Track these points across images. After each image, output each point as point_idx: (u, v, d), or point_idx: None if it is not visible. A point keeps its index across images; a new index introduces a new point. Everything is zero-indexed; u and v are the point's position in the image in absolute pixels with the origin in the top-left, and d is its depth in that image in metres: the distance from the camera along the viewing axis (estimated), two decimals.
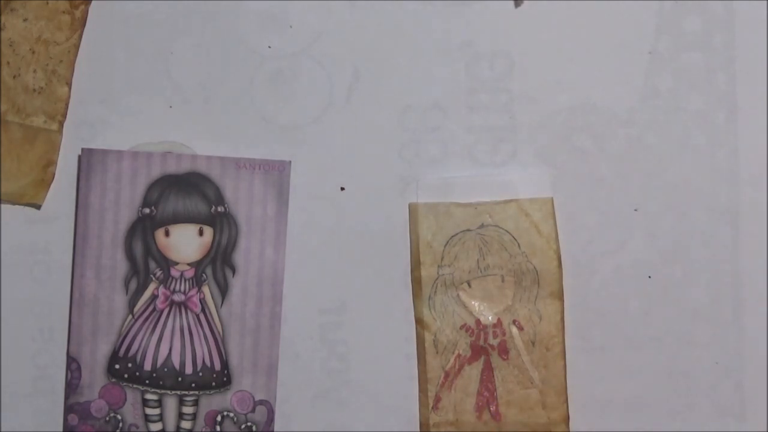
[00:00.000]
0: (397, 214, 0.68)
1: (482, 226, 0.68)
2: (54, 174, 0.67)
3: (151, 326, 0.67)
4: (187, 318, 0.67)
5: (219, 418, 0.67)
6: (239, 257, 0.67)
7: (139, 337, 0.67)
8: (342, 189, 0.68)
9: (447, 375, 0.67)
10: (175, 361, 0.67)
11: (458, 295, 0.68)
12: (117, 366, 0.67)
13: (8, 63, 0.66)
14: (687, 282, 0.68)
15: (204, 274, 0.67)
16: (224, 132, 0.68)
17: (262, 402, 0.67)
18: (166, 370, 0.67)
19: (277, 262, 0.67)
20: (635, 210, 0.68)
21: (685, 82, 0.68)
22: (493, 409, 0.67)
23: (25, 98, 0.66)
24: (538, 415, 0.67)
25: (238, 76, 0.68)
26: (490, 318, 0.68)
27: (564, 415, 0.67)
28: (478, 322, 0.68)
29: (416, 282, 0.68)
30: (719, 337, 0.68)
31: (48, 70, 0.66)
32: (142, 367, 0.67)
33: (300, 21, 0.68)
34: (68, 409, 0.67)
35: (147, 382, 0.67)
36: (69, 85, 0.67)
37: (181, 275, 0.67)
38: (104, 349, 0.67)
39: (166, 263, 0.67)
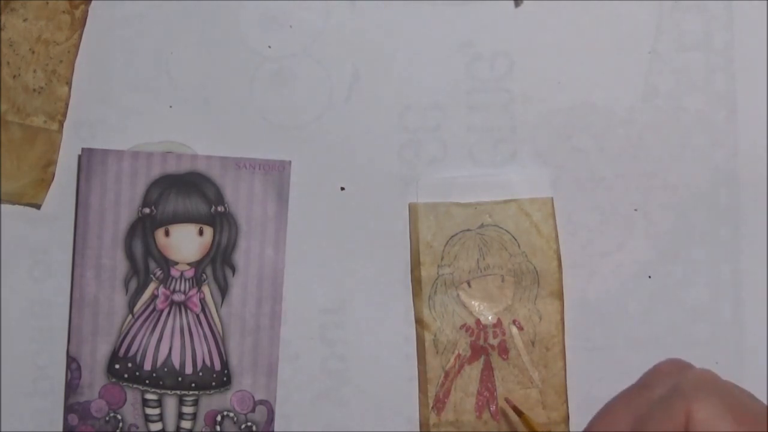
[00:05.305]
0: (397, 214, 0.68)
1: (482, 226, 0.68)
2: (54, 174, 0.67)
3: (151, 326, 0.67)
4: (187, 318, 0.67)
5: (219, 418, 0.67)
6: (239, 257, 0.67)
7: (139, 337, 0.67)
8: (342, 189, 0.68)
9: (447, 375, 0.67)
10: (175, 361, 0.67)
11: (458, 295, 0.68)
12: (117, 366, 0.67)
13: (8, 63, 0.66)
14: (687, 282, 0.68)
15: (204, 274, 0.67)
16: (224, 132, 0.68)
17: (262, 402, 0.67)
18: (166, 370, 0.67)
19: (277, 262, 0.67)
20: (635, 210, 0.68)
21: (685, 82, 0.68)
22: (493, 409, 0.67)
23: (25, 98, 0.66)
24: (538, 415, 0.67)
25: (238, 76, 0.68)
26: (490, 318, 0.68)
27: (564, 415, 0.67)
28: (478, 322, 0.68)
29: (416, 282, 0.68)
30: (719, 337, 0.68)
31: (48, 70, 0.66)
32: (142, 367, 0.67)
33: (300, 21, 0.68)
34: (68, 409, 0.67)
35: (147, 382, 0.67)
36: (69, 85, 0.67)
37: (181, 275, 0.67)
38: (104, 349, 0.67)
39: (166, 263, 0.67)
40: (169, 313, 0.67)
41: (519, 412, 0.66)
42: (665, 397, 0.59)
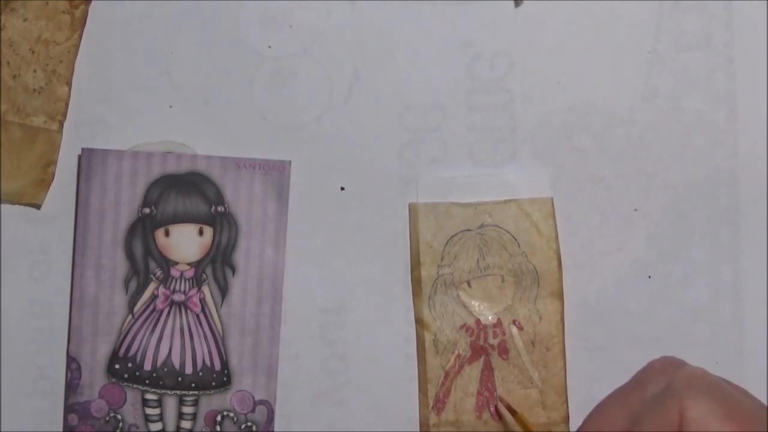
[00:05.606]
0: (397, 214, 0.68)
1: (482, 226, 0.68)
2: (54, 174, 0.67)
3: (151, 326, 0.67)
4: (187, 318, 0.67)
5: (219, 418, 0.67)
6: (239, 257, 0.67)
7: (139, 337, 0.67)
8: (342, 189, 0.68)
9: (447, 375, 0.67)
10: (175, 361, 0.67)
11: (458, 295, 0.68)
12: (117, 366, 0.67)
13: (8, 63, 0.66)
14: (687, 282, 0.68)
15: (204, 274, 0.67)
16: (224, 132, 0.68)
17: (262, 402, 0.67)
18: (166, 370, 0.67)
19: (277, 262, 0.67)
20: (635, 210, 0.68)
21: (685, 82, 0.68)
22: (493, 409, 0.67)
23: (25, 98, 0.66)
24: (538, 415, 0.67)
25: (238, 76, 0.68)
26: (490, 318, 0.68)
27: (564, 415, 0.67)
28: (478, 322, 0.68)
29: (416, 282, 0.68)
30: (719, 337, 0.68)
31: (48, 70, 0.66)
32: (142, 367, 0.67)
33: (300, 21, 0.68)
34: (68, 409, 0.67)
35: (147, 382, 0.67)
36: (69, 85, 0.67)
37: (181, 275, 0.67)
38: (104, 349, 0.67)
39: (166, 263, 0.67)
40: (169, 313, 0.67)
41: (513, 411, 0.66)
42: (658, 395, 0.59)
